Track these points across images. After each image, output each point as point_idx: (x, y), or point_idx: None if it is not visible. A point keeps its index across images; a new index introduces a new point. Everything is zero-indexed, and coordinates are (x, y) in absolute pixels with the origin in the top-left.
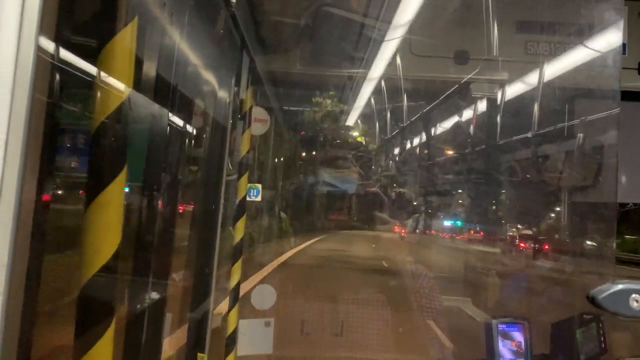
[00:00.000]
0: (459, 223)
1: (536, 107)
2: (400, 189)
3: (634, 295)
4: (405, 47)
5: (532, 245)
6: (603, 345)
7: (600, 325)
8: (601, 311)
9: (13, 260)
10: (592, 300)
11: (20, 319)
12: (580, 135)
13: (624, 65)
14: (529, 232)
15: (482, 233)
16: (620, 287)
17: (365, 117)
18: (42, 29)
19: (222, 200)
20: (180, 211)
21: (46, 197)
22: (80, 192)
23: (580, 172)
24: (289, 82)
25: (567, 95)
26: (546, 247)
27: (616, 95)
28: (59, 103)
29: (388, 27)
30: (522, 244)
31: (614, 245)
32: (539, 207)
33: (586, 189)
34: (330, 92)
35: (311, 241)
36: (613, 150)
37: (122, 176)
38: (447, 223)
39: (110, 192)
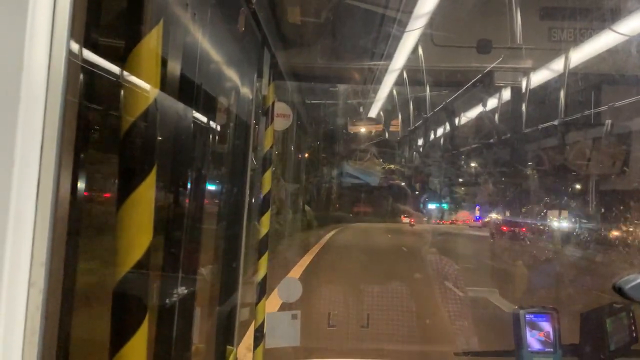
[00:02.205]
0: (445, 206)
1: (561, 95)
2: (423, 182)
3: None
4: (427, 37)
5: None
6: (634, 335)
7: (631, 314)
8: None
9: (51, 258)
10: (619, 290)
11: (59, 314)
12: (607, 122)
13: None
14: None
15: (480, 222)
16: None
17: (388, 109)
18: (72, 35)
19: (247, 195)
20: (208, 207)
21: (81, 196)
22: (112, 191)
23: (606, 160)
24: (310, 76)
25: (593, 82)
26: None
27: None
28: (90, 105)
29: (409, 18)
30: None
31: None
32: (564, 198)
33: (612, 177)
34: (352, 86)
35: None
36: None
37: (153, 175)
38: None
39: (141, 191)
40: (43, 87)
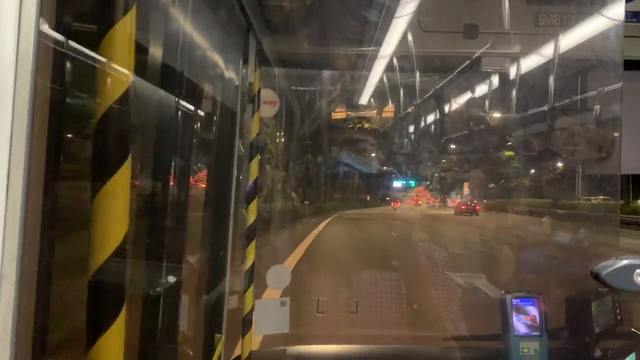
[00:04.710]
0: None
1: (551, 81)
2: (412, 168)
3: (638, 271)
4: (414, 23)
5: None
6: (619, 318)
7: (615, 297)
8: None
9: (23, 250)
10: (596, 276)
11: (33, 309)
12: (596, 107)
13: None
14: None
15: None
16: (624, 262)
17: (376, 95)
18: (42, 14)
19: (234, 183)
20: (194, 195)
21: (54, 186)
22: (87, 180)
23: (585, 145)
24: (298, 62)
25: (580, 67)
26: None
27: (619, 66)
28: (61, 91)
29: (397, 3)
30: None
31: (618, 220)
32: (547, 183)
33: (590, 162)
34: (341, 72)
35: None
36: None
37: (127, 165)
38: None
39: (116, 181)
40: (11, 68)
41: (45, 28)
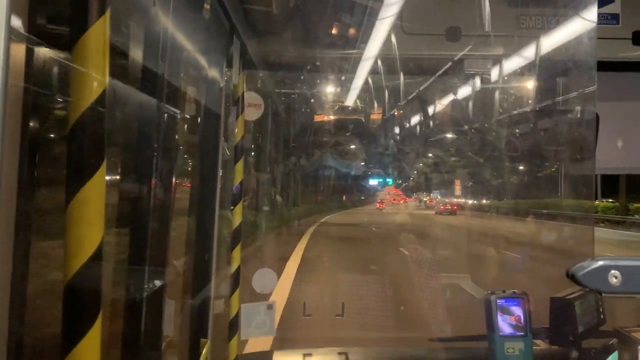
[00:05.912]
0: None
1: (531, 83)
2: (397, 168)
3: (612, 272)
4: (397, 26)
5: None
6: (602, 317)
7: (598, 297)
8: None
9: None
10: (572, 277)
11: (7, 317)
12: (574, 108)
13: (619, 35)
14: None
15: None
16: (600, 263)
17: (360, 98)
18: (13, 14)
19: (219, 186)
20: (178, 199)
21: (27, 191)
22: (61, 185)
23: (560, 146)
24: (282, 65)
25: (557, 68)
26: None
27: (593, 67)
28: (35, 95)
29: (380, 5)
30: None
31: (593, 222)
32: (521, 184)
33: (566, 162)
34: (325, 74)
35: None
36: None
37: (102, 170)
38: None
39: (91, 187)
40: None
41: (17, 30)
